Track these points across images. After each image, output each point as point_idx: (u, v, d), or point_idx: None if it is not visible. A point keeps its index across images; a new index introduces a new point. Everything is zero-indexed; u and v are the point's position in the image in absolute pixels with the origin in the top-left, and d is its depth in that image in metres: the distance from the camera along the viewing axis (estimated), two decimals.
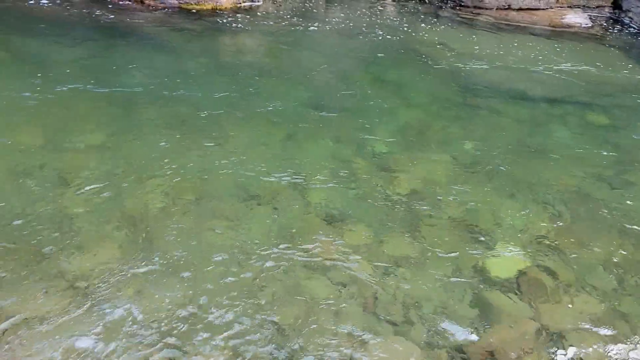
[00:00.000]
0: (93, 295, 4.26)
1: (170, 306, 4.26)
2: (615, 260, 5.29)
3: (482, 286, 4.81)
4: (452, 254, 5.18)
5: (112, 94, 7.71)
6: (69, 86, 7.68)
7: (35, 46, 9.02)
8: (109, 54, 9.32)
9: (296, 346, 4.03)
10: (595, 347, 4.26)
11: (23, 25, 9.97)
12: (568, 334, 4.37)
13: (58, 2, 11.48)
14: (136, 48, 9.82)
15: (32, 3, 11.14)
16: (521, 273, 5.02)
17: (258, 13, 13.03)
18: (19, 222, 4.93)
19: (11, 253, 4.59)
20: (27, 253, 4.60)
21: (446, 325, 4.35)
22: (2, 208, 5.06)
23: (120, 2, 12.13)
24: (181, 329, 4.07)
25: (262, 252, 4.95)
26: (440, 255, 5.16)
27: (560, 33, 13.43)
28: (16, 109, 6.76)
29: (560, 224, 5.81)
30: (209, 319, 4.18)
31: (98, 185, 5.57)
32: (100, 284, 4.38)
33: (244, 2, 13.22)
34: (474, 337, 4.26)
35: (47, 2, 11.36)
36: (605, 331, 4.43)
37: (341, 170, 6.37)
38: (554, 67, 11.45)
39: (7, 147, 5.99)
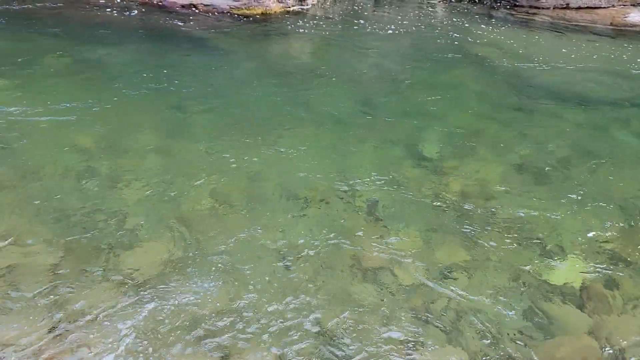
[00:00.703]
0: (144, 291, 4.37)
1: (217, 304, 4.30)
2: None
3: (539, 296, 4.59)
4: (508, 262, 4.98)
5: (166, 99, 7.93)
6: (126, 92, 7.96)
7: (96, 53, 9.41)
8: (163, 60, 9.60)
9: (342, 351, 3.98)
10: None
11: (86, 32, 10.45)
12: (631, 350, 4.10)
13: (117, 9, 11.98)
14: (188, 53, 10.09)
15: (94, 8, 11.66)
16: (582, 284, 4.76)
17: (307, 16, 13.13)
18: (78, 219, 5.13)
19: (71, 247, 4.78)
20: (85, 248, 4.78)
21: (500, 336, 4.17)
22: (63, 206, 5.29)
23: (175, 8, 12.52)
24: (227, 327, 4.10)
25: (310, 254, 4.93)
26: (494, 262, 4.98)
27: (622, 32, 12.81)
28: (77, 113, 7.06)
29: (625, 233, 5.48)
30: (254, 319, 4.19)
31: (151, 186, 5.73)
32: (152, 280, 4.48)
33: (293, 5, 13.36)
34: (529, 349, 4.06)
35: (108, 9, 11.87)
36: None
37: (391, 174, 6.27)
38: (617, 68, 10.89)
39: (68, 149, 6.26)
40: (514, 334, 4.19)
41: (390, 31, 12.51)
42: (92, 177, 5.78)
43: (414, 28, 12.84)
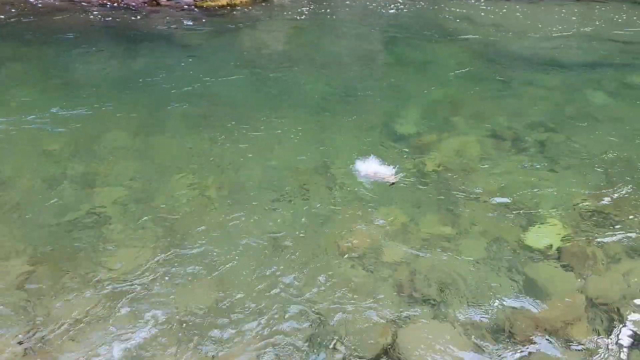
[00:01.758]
0: (129, 294, 4.27)
1: (204, 298, 4.23)
2: None
3: (523, 261, 4.60)
4: (490, 230, 4.98)
5: (136, 97, 7.78)
6: (95, 93, 7.79)
7: (62, 57, 9.19)
8: (130, 59, 9.40)
9: (330, 330, 3.94)
10: None
11: (47, 37, 10.17)
12: (616, 305, 4.13)
13: (78, 11, 11.69)
14: (156, 50, 9.89)
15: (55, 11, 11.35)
16: (564, 245, 4.78)
17: (274, 4, 12.95)
18: (53, 226, 5.01)
19: (45, 254, 4.66)
20: (62, 255, 4.66)
21: (487, 302, 4.16)
22: (36, 213, 5.15)
23: (138, 6, 12.25)
24: (217, 319, 4.04)
25: (294, 239, 4.88)
26: (477, 232, 4.97)
27: None
28: (45, 118, 6.88)
29: (604, 192, 5.51)
30: (243, 309, 4.13)
31: (126, 186, 5.62)
32: (133, 282, 4.39)
33: None
34: (517, 313, 4.06)
35: (68, 13, 11.57)
36: None
37: (371, 154, 6.21)
38: (586, 30, 10.94)
39: (39, 155, 6.11)
40: (501, 301, 4.19)
41: (361, 13, 12.40)
42: (65, 181, 5.65)
43: (384, 11, 12.75)
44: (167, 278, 4.45)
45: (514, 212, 5.23)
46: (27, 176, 5.73)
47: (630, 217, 5.10)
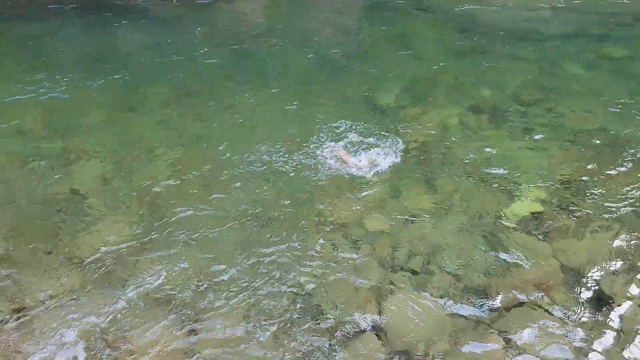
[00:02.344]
0: (109, 270, 4.26)
1: (185, 276, 4.23)
2: (636, 193, 5.10)
3: (503, 231, 4.69)
4: (470, 202, 5.05)
5: (112, 74, 7.60)
6: (69, 70, 7.59)
7: (33, 34, 8.91)
8: (104, 35, 9.17)
9: (314, 304, 3.99)
10: (615, 279, 4.14)
11: (18, 13, 9.83)
12: (588, 269, 4.26)
13: None
14: (131, 26, 9.64)
15: None
16: (541, 214, 4.88)
17: None
18: (30, 203, 4.93)
19: (23, 233, 4.61)
20: (40, 233, 4.61)
21: (467, 272, 4.26)
22: (13, 191, 5.06)
23: None
24: (199, 294, 4.05)
25: (277, 213, 4.89)
26: (458, 203, 5.04)
27: None
28: (18, 95, 6.71)
29: (582, 163, 5.61)
30: (226, 283, 4.15)
31: (105, 163, 5.54)
32: (115, 259, 4.37)
33: None
34: (497, 280, 4.17)
35: None
36: (623, 264, 4.30)
37: (352, 128, 6.22)
38: (565, 2, 10.96)
39: (13, 132, 5.97)
40: (481, 269, 4.28)
41: None
42: (41, 159, 5.54)
43: None
44: (147, 254, 4.44)
45: (494, 183, 5.31)
46: (2, 154, 5.61)
47: (608, 187, 5.22)
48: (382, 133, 6.13)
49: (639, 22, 9.87)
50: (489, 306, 3.97)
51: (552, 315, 3.88)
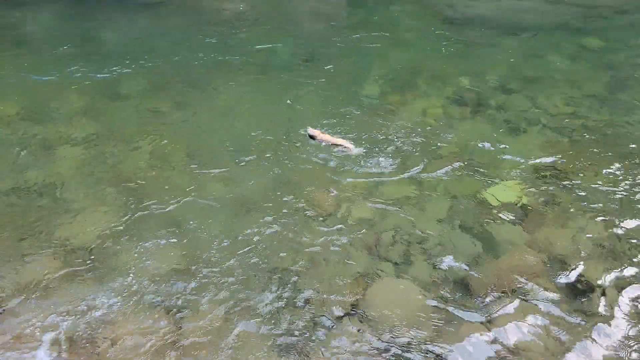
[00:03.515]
0: (91, 260, 4.20)
1: (169, 264, 4.20)
2: (614, 181, 5.21)
3: (484, 219, 4.75)
4: (453, 191, 5.09)
5: (92, 60, 7.46)
6: (47, 56, 7.43)
7: (9, 18, 8.66)
8: (84, 20, 8.97)
9: (298, 293, 4.00)
10: (594, 267, 4.24)
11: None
12: (568, 257, 4.34)
13: None
14: (111, 11, 9.45)
15: None
16: (521, 203, 4.95)
17: None
18: (10, 190, 4.83)
19: (4, 222, 4.51)
20: (20, 221, 4.52)
21: (449, 259, 4.31)
22: None
23: None
24: (183, 282, 4.03)
25: (261, 201, 4.87)
26: (441, 192, 5.08)
27: None
28: None
29: (559, 150, 5.71)
30: (210, 272, 4.13)
31: (85, 151, 5.45)
32: (98, 247, 4.31)
33: None
34: (478, 268, 4.23)
35: None
36: (603, 252, 4.40)
37: (337, 117, 6.21)
38: None
39: None
40: (462, 257, 4.33)
41: None
42: (18, 147, 5.42)
43: None
44: (130, 242, 4.39)
45: (475, 172, 5.36)
46: None
47: (585, 176, 5.31)
48: (365, 120, 6.13)
49: (617, 15, 10.02)
50: (469, 294, 4.03)
51: (532, 303, 3.95)
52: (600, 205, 4.90)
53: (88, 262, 4.19)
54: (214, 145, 5.65)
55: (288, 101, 5.53)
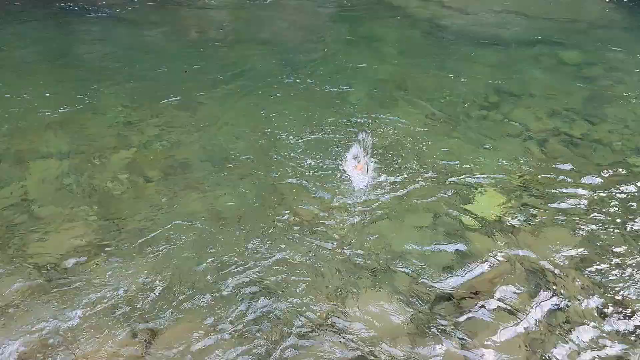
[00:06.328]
0: (63, 277, 4.09)
1: (142, 281, 4.11)
2: (591, 192, 5.26)
3: (461, 231, 4.74)
4: (431, 203, 5.08)
5: (68, 72, 7.39)
6: (24, 68, 7.33)
7: None
8: (60, 33, 8.91)
9: (275, 306, 3.94)
10: (572, 277, 4.25)
11: None
12: (547, 268, 4.35)
13: None
14: (90, 25, 9.40)
15: None
16: (499, 214, 4.96)
17: None
18: None
19: None
20: None
21: (426, 271, 4.28)
22: None
23: None
24: (156, 298, 3.94)
25: (238, 216, 4.80)
26: (419, 204, 5.06)
27: None
28: None
29: (537, 162, 5.75)
30: (184, 287, 4.05)
31: (58, 165, 5.35)
32: (70, 264, 4.20)
33: None
34: (456, 280, 4.21)
35: None
36: (580, 259, 4.42)
37: (317, 132, 6.20)
38: (526, 7, 11.27)
39: None
40: (439, 269, 4.31)
41: None
42: None
43: None
44: (104, 258, 4.29)
45: (454, 183, 5.37)
46: None
47: (562, 187, 5.35)
48: (346, 133, 6.13)
49: (593, 29, 10.22)
50: (447, 306, 4.00)
51: (510, 312, 3.94)
52: (577, 216, 4.93)
53: (59, 279, 4.08)
54: (191, 159, 5.60)
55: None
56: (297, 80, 7.66)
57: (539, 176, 5.54)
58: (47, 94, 6.71)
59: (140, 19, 9.92)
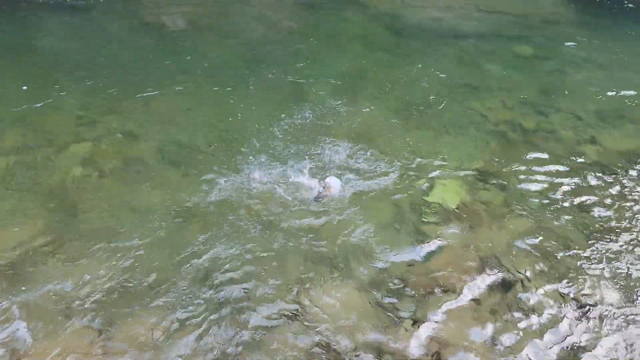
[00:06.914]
0: (15, 276, 3.95)
1: (104, 277, 4.01)
2: (546, 182, 5.46)
3: (422, 221, 4.84)
4: (392, 194, 5.16)
5: (23, 66, 7.10)
6: None
7: None
8: (14, 26, 8.54)
9: (240, 297, 3.93)
10: (528, 262, 4.42)
11: None
12: (502, 255, 4.50)
13: None
14: (52, 15, 9.06)
15: None
16: (457, 203, 5.09)
17: None
18: None
19: None
20: None
21: (387, 263, 4.35)
22: None
23: None
24: (118, 297, 3.86)
25: (199, 213, 4.74)
26: (380, 196, 5.13)
27: None
28: None
29: (494, 152, 5.93)
30: (147, 285, 3.98)
31: (12, 160, 5.15)
32: (22, 263, 4.06)
33: None
34: (416, 269, 4.30)
35: None
36: (535, 247, 4.60)
37: (279, 124, 6.17)
38: (481, 3, 11.55)
39: None
40: (401, 260, 4.40)
41: None
42: None
43: None
44: (57, 256, 4.17)
45: (415, 175, 5.46)
46: None
47: (518, 177, 5.54)
48: (309, 130, 6.14)
49: (544, 24, 10.58)
50: (407, 294, 4.08)
51: (469, 302, 4.06)
52: (532, 205, 5.12)
53: (10, 279, 3.93)
54: (151, 153, 5.49)
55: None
56: (258, 74, 7.61)
57: (496, 166, 5.70)
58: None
59: (103, 9, 9.63)
